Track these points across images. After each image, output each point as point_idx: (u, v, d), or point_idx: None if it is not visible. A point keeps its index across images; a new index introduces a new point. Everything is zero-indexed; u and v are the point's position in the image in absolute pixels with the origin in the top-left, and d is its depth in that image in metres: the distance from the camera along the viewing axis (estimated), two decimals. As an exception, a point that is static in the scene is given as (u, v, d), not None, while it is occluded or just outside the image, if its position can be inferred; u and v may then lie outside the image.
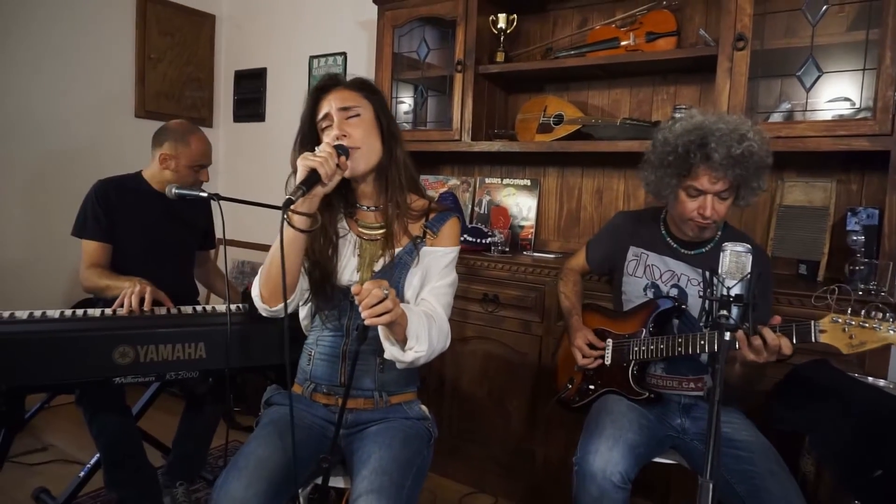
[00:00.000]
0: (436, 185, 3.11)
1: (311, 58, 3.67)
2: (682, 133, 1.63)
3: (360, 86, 1.49)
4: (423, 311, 1.41)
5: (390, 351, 1.38)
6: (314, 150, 1.38)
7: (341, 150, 1.39)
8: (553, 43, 2.83)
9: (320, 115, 1.46)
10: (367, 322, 1.24)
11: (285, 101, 3.85)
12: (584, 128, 2.60)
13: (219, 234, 2.52)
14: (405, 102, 3.04)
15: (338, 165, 1.37)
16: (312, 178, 1.32)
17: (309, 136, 1.48)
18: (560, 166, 2.89)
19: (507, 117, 2.96)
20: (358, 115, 1.46)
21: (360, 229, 1.53)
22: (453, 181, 3.09)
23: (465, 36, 2.72)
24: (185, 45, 3.89)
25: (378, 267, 1.49)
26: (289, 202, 1.24)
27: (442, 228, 1.53)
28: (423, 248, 1.50)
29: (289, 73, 3.79)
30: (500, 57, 2.76)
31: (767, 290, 1.72)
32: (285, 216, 1.27)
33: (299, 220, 1.36)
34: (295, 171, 1.37)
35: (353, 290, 1.24)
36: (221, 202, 1.90)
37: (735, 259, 1.24)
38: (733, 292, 1.22)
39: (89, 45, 3.47)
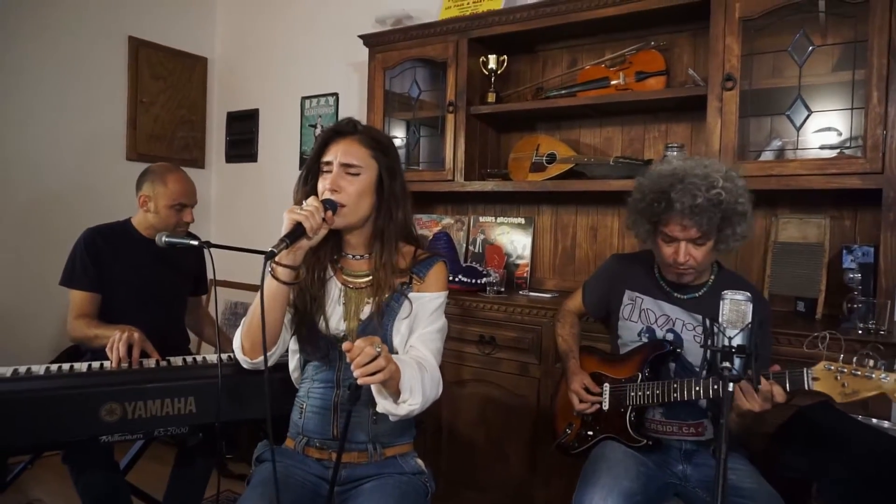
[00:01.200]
0: (429, 224, 3.12)
1: (304, 98, 3.69)
2: (654, 180, 1.66)
3: (373, 143, 1.50)
4: (415, 361, 1.40)
5: (383, 405, 1.36)
6: (314, 191, 1.41)
7: (329, 205, 1.40)
8: (544, 83, 2.86)
9: (325, 158, 1.48)
10: (359, 381, 1.22)
11: (278, 141, 3.87)
12: (577, 166, 2.62)
13: (211, 279, 2.52)
14: (398, 139, 3.06)
15: (324, 219, 1.37)
16: (297, 231, 1.32)
17: (313, 173, 1.50)
18: (554, 204, 2.90)
19: (499, 156, 2.98)
20: (357, 175, 1.46)
21: (345, 277, 1.53)
22: (447, 220, 3.10)
23: (455, 78, 2.75)
24: (178, 87, 3.93)
25: (364, 315, 1.49)
26: (271, 254, 1.25)
27: (429, 273, 1.53)
28: (411, 294, 1.50)
29: (281, 114, 3.82)
30: (491, 97, 2.79)
31: (767, 337, 1.71)
32: (269, 268, 1.29)
33: (283, 272, 1.37)
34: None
35: (345, 346, 1.23)
36: (213, 250, 1.90)
37: (735, 308, 1.23)
38: (735, 342, 1.20)
39: (81, 88, 3.49)
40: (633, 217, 1.73)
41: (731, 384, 1.17)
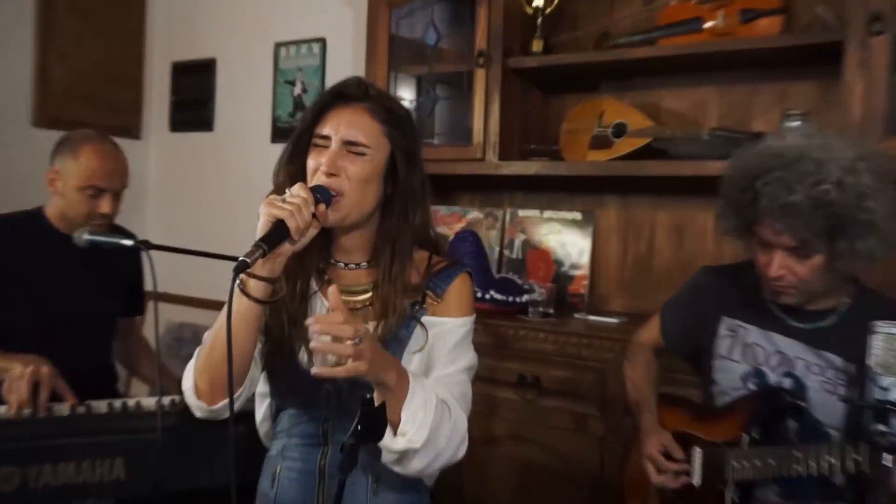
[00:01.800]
0: (449, 219, 3.15)
1: (278, 45, 3.69)
2: (748, 161, 1.69)
3: (388, 116, 1.51)
4: (438, 394, 1.42)
5: None
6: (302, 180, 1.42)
7: (321, 195, 1.40)
8: (610, 26, 2.86)
9: (322, 130, 1.49)
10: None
11: (242, 103, 3.86)
12: (656, 142, 2.62)
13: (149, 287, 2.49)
14: (405, 101, 3.09)
15: (314, 216, 1.38)
16: (278, 232, 1.32)
17: (301, 149, 1.52)
18: (623, 194, 2.90)
19: (547, 127, 3.00)
20: (363, 156, 1.47)
21: None
22: (474, 214, 3.11)
23: (488, 18, 2.75)
24: (105, 28, 3.95)
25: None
26: (243, 265, 1.25)
27: (448, 290, 1.54)
28: (425, 319, 1.52)
29: (247, 66, 3.82)
30: (536, 45, 2.79)
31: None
32: (238, 283, 1.29)
33: (257, 287, 1.37)
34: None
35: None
36: (153, 252, 1.92)
37: (891, 346, 1.21)
38: (892, 394, 1.19)
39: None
40: (721, 207, 1.77)
41: (886, 455, 1.14)
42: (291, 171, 1.51)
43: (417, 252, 1.57)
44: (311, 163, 1.48)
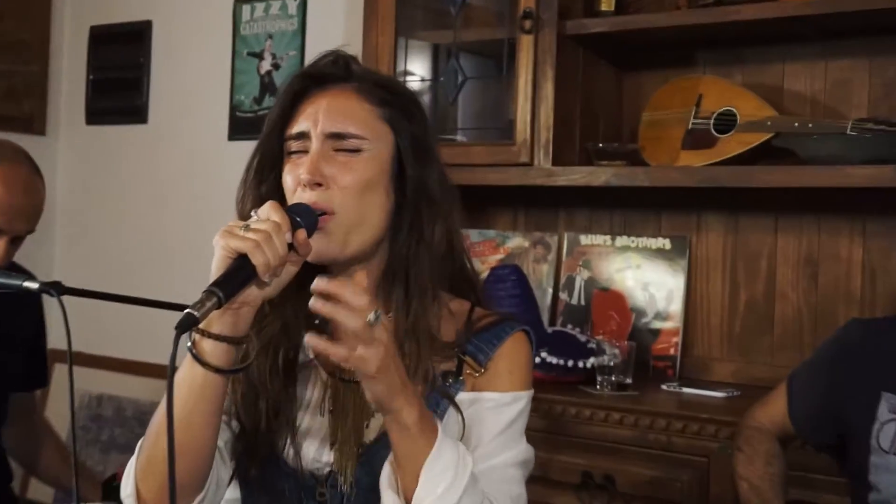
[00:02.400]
0: (482, 248, 3.13)
1: (238, 2, 3.70)
2: None
3: (386, 97, 1.54)
4: (478, 484, 1.42)
5: (388, 501, 1.39)
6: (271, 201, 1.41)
7: (300, 217, 1.39)
8: (711, -27, 2.86)
9: (295, 127, 1.51)
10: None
11: (188, 85, 3.88)
12: (779, 138, 2.63)
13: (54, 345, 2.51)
14: (416, 80, 3.10)
15: (291, 246, 1.36)
16: (241, 271, 1.30)
17: (270, 159, 1.54)
18: (730, 212, 2.89)
19: (620, 116, 3.00)
20: (358, 153, 1.48)
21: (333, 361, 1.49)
22: (516, 241, 3.10)
23: (537, -37, 2.77)
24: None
25: (372, 435, 1.51)
26: (189, 321, 1.21)
27: (496, 355, 1.56)
28: (462, 396, 1.53)
29: (195, 32, 3.84)
30: (606, 2, 2.79)
31: None
32: (189, 344, 1.30)
33: (214, 351, 1.35)
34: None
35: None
36: (65, 298, 1.85)
37: None
38: None
39: None
40: None
41: None
42: (263, 193, 1.51)
43: (453, 300, 1.60)
44: (288, 178, 1.49)
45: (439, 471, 1.34)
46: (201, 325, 1.28)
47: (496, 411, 1.52)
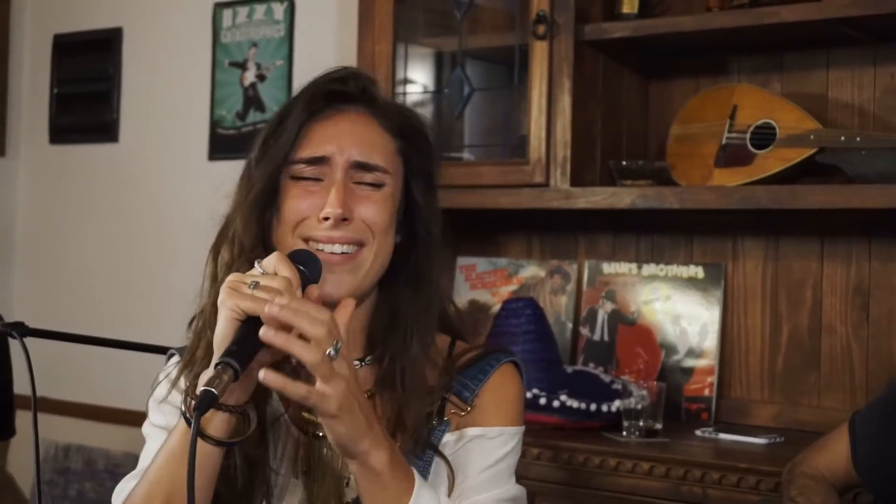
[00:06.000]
0: (492, 278, 3.20)
1: (217, 6, 3.70)
2: None
3: (402, 127, 1.58)
4: None
5: None
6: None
7: (306, 267, 1.42)
8: (745, -29, 2.80)
9: (306, 153, 1.51)
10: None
11: (163, 99, 3.85)
12: (823, 154, 2.65)
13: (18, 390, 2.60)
14: (418, 91, 3.21)
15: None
16: (253, 338, 1.29)
17: (271, 187, 1.54)
18: (770, 236, 2.91)
19: (647, 133, 3.07)
20: (380, 186, 1.52)
21: (304, 414, 1.56)
22: (531, 270, 3.16)
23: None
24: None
25: (353, 495, 1.52)
26: (209, 398, 1.24)
27: (482, 390, 1.59)
28: (447, 438, 1.56)
29: (170, 40, 3.85)
30: (629, 4, 2.81)
31: None
32: (197, 424, 1.27)
33: (222, 423, 1.39)
34: (215, 277, 1.48)
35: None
36: (29, 340, 1.91)
37: None
38: None
39: None
40: None
41: None
42: (260, 225, 1.53)
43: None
44: (298, 206, 1.51)
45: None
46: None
47: (481, 445, 1.56)
